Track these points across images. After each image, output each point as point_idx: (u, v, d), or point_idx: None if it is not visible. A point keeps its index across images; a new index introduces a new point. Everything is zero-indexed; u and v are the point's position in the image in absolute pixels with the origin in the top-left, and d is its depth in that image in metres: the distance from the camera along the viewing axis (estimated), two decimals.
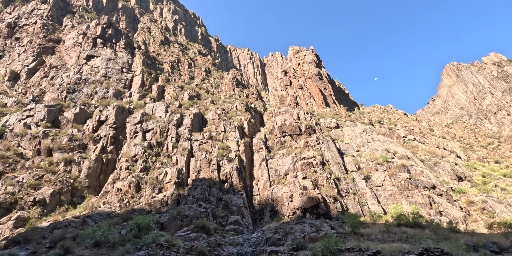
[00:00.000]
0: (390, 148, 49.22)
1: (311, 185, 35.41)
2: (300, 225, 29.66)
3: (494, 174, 62.65)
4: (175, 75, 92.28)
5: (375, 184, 38.20)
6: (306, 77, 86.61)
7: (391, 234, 26.61)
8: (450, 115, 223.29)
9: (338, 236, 26.27)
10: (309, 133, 48.95)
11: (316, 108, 79.09)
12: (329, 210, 33.73)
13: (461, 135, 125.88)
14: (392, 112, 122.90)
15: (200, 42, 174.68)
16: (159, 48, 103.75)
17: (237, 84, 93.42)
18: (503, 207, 34.61)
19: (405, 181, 37.73)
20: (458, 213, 34.68)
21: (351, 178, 38.88)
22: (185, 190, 36.37)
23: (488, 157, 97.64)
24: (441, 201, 35.91)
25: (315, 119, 58.41)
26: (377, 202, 35.98)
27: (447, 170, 47.68)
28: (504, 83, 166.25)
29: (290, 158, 40.28)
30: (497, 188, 48.69)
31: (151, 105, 51.97)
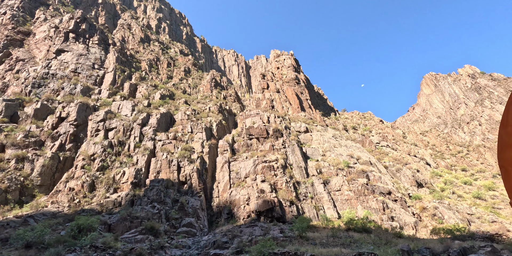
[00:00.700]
0: (354, 154, 50.14)
1: (269, 189, 35.50)
2: (251, 228, 29.62)
3: (456, 181, 65.00)
4: (152, 74, 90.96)
5: (333, 188, 38.74)
6: (284, 81, 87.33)
7: (336, 238, 26.97)
8: (428, 123, 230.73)
9: (284, 240, 26.41)
10: (276, 136, 49.21)
11: (292, 112, 79.81)
12: (284, 214, 33.88)
13: (434, 143, 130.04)
14: (369, 119, 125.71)
15: (184, 41, 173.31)
16: (138, 45, 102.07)
17: (215, 85, 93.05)
18: (451, 213, 35.82)
19: (362, 186, 38.45)
20: (409, 219, 35.61)
21: (310, 182, 39.28)
22: (141, 191, 35.67)
23: (456, 165, 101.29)
24: (395, 206, 36.79)
25: (286, 123, 58.84)
26: (333, 206, 36.47)
27: (408, 176, 49.00)
28: (477, 94, 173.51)
29: (251, 161, 40.31)
30: (454, 195, 50.48)
31: (118, 103, 50.89)
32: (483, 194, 51.83)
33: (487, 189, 58.09)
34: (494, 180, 79.41)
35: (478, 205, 45.12)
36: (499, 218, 37.48)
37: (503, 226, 34.01)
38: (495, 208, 44.33)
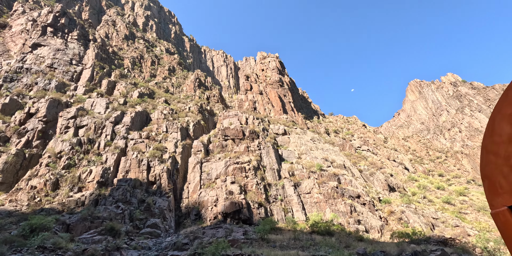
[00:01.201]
0: (329, 157, 50.58)
1: (238, 190, 35.31)
2: (214, 230, 29.34)
3: (429, 186, 66.44)
4: (135, 72, 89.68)
5: (303, 191, 38.89)
6: (267, 83, 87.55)
7: (298, 241, 27.00)
8: (412, 129, 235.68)
9: (244, 242, 26.25)
10: (252, 138, 49.13)
11: (274, 114, 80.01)
12: (251, 216, 33.74)
13: (415, 148, 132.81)
14: (352, 123, 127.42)
15: (172, 40, 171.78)
16: (122, 42, 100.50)
17: (199, 85, 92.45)
18: (416, 217, 36.49)
19: (332, 189, 38.75)
20: (376, 222, 36.05)
21: (281, 185, 39.33)
22: (107, 191, 34.87)
23: (434, 170, 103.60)
24: (362, 210, 37.19)
25: (265, 125, 58.88)
26: (302, 209, 36.58)
27: (381, 180, 49.73)
28: (458, 102, 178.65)
29: (223, 162, 40.06)
30: (425, 200, 51.52)
31: (92, 101, 49.79)
32: (453, 199, 53.11)
33: (458, 194, 59.59)
34: (468, 186, 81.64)
35: (446, 209, 46.17)
36: (463, 222, 38.42)
37: (464, 231, 34.86)
38: (462, 213, 45.46)
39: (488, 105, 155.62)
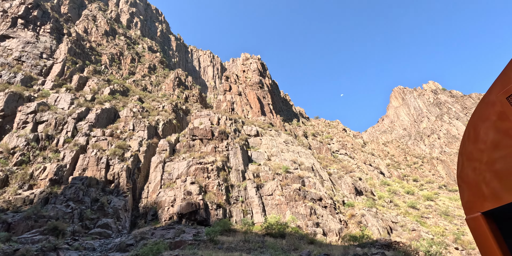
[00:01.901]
0: (298, 159, 50.61)
1: (197, 191, 34.71)
2: (165, 231, 28.65)
3: (400, 190, 67.49)
4: (113, 69, 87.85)
5: (265, 193, 38.63)
6: (247, 84, 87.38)
7: (247, 243, 26.63)
8: (395, 135, 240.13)
9: (191, 244, 25.68)
10: (221, 138, 48.64)
11: (251, 116, 79.77)
12: (208, 217, 33.19)
13: (393, 153, 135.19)
14: (333, 127, 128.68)
15: (158, 39, 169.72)
16: (101, 38, 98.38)
17: (178, 84, 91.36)
18: (375, 221, 36.77)
19: (294, 191, 38.64)
20: (335, 225, 36.11)
21: (244, 186, 38.95)
22: (60, 189, 33.61)
23: (409, 175, 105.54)
24: (323, 213, 37.21)
25: (237, 126, 58.50)
26: (262, 211, 36.29)
27: (348, 184, 50.06)
28: (438, 109, 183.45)
29: (186, 162, 39.39)
30: (391, 204, 52.18)
31: (56, 96, 48.23)
32: (418, 204, 54.02)
33: (426, 199, 60.69)
34: (439, 191, 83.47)
35: (410, 214, 46.83)
36: (421, 227, 38.98)
37: (419, 234, 35.35)
38: (423, 217, 46.20)
39: (465, 113, 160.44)
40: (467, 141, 2.52)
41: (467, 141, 2.53)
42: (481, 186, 2.34)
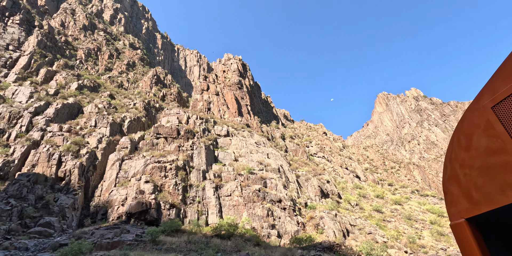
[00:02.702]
0: (265, 161, 50.21)
1: (150, 190, 33.74)
2: (108, 231, 27.59)
3: (371, 194, 68.02)
4: (88, 64, 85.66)
5: (224, 193, 37.96)
6: (226, 85, 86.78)
7: (191, 244, 25.88)
8: (378, 140, 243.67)
9: (130, 244, 24.74)
10: (187, 137, 47.77)
11: (228, 116, 79.10)
12: (160, 217, 32.26)
13: (373, 158, 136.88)
14: (314, 130, 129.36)
15: (143, 36, 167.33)
16: (79, 33, 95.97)
17: (156, 82, 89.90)
18: (332, 224, 36.63)
19: (253, 193, 38.13)
20: (292, 227, 35.76)
21: (202, 186, 38.19)
22: (4, 185, 32.02)
23: (386, 180, 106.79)
24: (281, 214, 36.81)
25: (208, 126, 57.74)
26: (219, 211, 35.59)
27: (314, 186, 49.95)
28: (419, 116, 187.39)
29: (143, 160, 38.35)
30: (357, 207, 52.35)
31: (14, 88, 46.36)
32: (385, 207, 54.43)
33: (394, 203, 61.30)
34: (411, 195, 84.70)
35: (372, 217, 47.03)
36: (379, 230, 39.10)
37: (373, 237, 35.39)
38: (385, 221, 46.48)
39: (444, 120, 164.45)
40: (457, 147, 2.55)
41: (457, 147, 2.56)
42: (473, 192, 2.36)
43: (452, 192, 2.59)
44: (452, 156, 2.61)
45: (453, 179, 2.58)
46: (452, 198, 2.59)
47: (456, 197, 2.54)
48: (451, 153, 2.63)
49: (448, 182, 2.65)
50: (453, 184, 2.58)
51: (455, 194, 2.55)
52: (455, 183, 2.56)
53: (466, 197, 2.42)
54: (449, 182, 2.63)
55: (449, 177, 2.63)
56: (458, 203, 2.51)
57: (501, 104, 2.20)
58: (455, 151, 2.57)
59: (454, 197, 2.56)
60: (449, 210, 2.61)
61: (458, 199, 2.50)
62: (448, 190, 2.64)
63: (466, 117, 2.48)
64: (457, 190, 2.53)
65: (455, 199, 2.55)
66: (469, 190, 2.38)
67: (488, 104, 2.28)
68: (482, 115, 2.33)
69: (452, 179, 2.59)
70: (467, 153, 2.42)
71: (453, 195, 2.57)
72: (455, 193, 2.55)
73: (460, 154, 2.49)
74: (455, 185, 2.55)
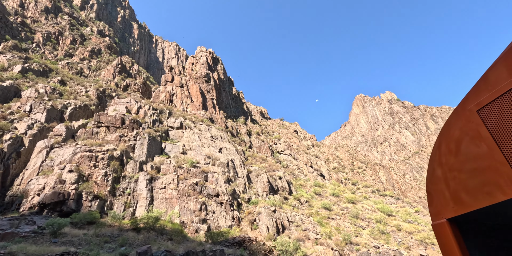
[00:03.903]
0: (214, 155, 48.93)
1: (73, 180, 31.61)
2: (8, 221, 25.40)
3: (327, 192, 68.31)
4: (46, 48, 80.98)
5: (159, 186, 36.35)
6: (192, 77, 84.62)
7: (95, 237, 24.19)
8: (354, 141, 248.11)
9: (25, 236, 22.76)
10: (132, 127, 45.64)
11: (191, 109, 77.13)
12: (79, 209, 30.26)
13: (342, 157, 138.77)
14: (285, 128, 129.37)
15: (118, 24, 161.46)
16: (40, 15, 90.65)
17: (120, 72, 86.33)
18: (267, 220, 35.91)
19: (190, 186, 36.76)
20: (225, 223, 34.72)
21: (136, 178, 36.39)
22: None
23: (351, 179, 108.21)
24: (216, 209, 35.67)
25: (161, 117, 55.71)
26: (149, 204, 33.98)
27: (263, 182, 49.21)
28: (391, 118, 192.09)
29: (72, 149, 36.05)
30: (306, 204, 52.14)
31: None
32: (335, 205, 54.57)
33: (347, 201, 61.73)
34: (371, 195, 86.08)
35: (319, 214, 46.85)
36: (316, 227, 38.82)
37: (306, 234, 35.00)
38: (330, 218, 46.44)
39: (413, 123, 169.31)
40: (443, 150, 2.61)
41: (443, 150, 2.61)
42: (456, 193, 2.44)
43: (436, 193, 2.65)
44: (437, 159, 2.66)
45: (437, 181, 2.64)
46: (435, 199, 2.66)
47: (439, 198, 2.61)
48: (437, 156, 2.67)
49: (432, 183, 2.70)
50: (437, 186, 2.64)
51: (439, 195, 2.61)
52: (439, 185, 2.62)
53: (450, 198, 2.50)
54: (433, 183, 2.68)
55: (433, 179, 2.67)
56: (441, 203, 2.59)
57: (486, 108, 2.25)
58: (440, 154, 2.62)
59: (437, 198, 2.63)
60: (431, 211, 2.70)
61: (442, 200, 2.57)
62: (431, 191, 2.71)
63: (452, 120, 2.54)
64: (441, 191, 2.60)
65: (438, 200, 2.62)
66: (454, 191, 2.45)
67: (473, 108, 2.35)
68: (467, 118, 2.38)
69: (437, 181, 2.64)
70: (453, 156, 2.49)
71: (437, 196, 2.64)
72: (439, 194, 2.62)
73: (445, 157, 2.55)
74: (440, 187, 2.62)
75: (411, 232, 45.69)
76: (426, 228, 50.48)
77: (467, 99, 2.42)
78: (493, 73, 2.22)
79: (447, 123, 2.61)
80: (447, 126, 2.59)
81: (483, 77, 2.29)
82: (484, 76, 2.29)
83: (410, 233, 45.47)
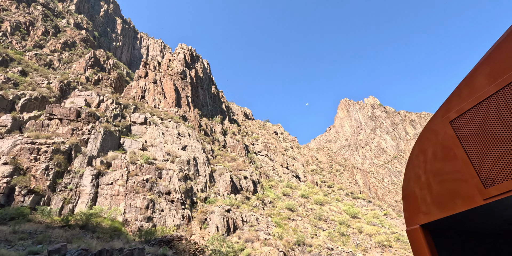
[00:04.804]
0: (176, 152, 47.40)
1: (6, 173, 29.55)
2: None
3: (297, 193, 67.61)
4: (14, 38, 77.59)
5: (105, 182, 34.58)
6: (167, 73, 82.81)
7: (11, 234, 22.37)
8: (338, 144, 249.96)
9: None
10: (88, 121, 43.64)
11: (163, 106, 75.28)
12: (9, 204, 28.22)
13: (322, 160, 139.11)
14: (265, 129, 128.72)
15: (100, 19, 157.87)
16: (10, 3, 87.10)
17: (93, 65, 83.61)
18: (217, 219, 34.64)
19: (140, 183, 35.14)
20: (174, 221, 33.26)
21: (81, 173, 34.52)
22: None
23: (327, 181, 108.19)
24: (166, 207, 34.17)
25: (125, 112, 53.80)
26: (91, 201, 32.17)
27: (226, 181, 47.95)
28: (374, 123, 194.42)
29: (12, 140, 33.91)
30: (270, 204, 51.14)
31: None
32: (299, 206, 53.81)
33: (315, 203, 61.14)
34: (344, 197, 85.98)
35: (280, 215, 45.89)
36: (270, 228, 37.79)
37: (257, 235, 33.90)
38: (290, 219, 45.55)
39: (393, 128, 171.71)
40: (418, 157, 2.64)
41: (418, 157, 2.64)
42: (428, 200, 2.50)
43: (410, 199, 2.67)
44: (414, 165, 2.69)
45: (412, 187, 2.65)
46: (409, 204, 2.68)
47: (413, 204, 2.63)
48: (414, 162, 2.70)
49: (407, 189, 2.71)
50: (412, 192, 2.66)
51: (413, 201, 2.63)
52: (414, 191, 2.64)
53: (423, 204, 2.53)
54: (408, 189, 2.70)
55: (408, 185, 2.69)
56: (414, 209, 2.61)
57: (458, 119, 2.32)
58: (416, 160, 2.65)
59: (412, 203, 2.65)
60: (406, 216, 2.69)
61: (416, 206, 2.59)
62: (406, 197, 2.73)
63: (428, 129, 2.57)
64: (416, 197, 2.61)
65: (412, 206, 2.64)
66: (427, 198, 2.49)
67: (446, 119, 2.42)
68: (441, 128, 2.43)
69: (411, 187, 2.66)
70: (427, 164, 2.53)
71: (411, 202, 2.66)
72: (413, 200, 2.64)
73: (421, 164, 2.59)
74: (414, 193, 2.63)
75: (371, 234, 45.30)
76: (388, 231, 50.32)
77: (441, 109, 2.50)
78: (467, 85, 2.29)
79: (423, 131, 2.65)
80: (423, 134, 2.63)
81: (457, 88, 2.38)
82: (459, 87, 2.37)
83: (371, 235, 45.08)
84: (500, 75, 2.05)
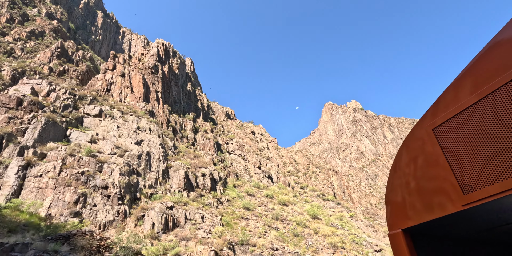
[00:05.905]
0: (128, 146, 45.14)
1: None
2: None
3: (262, 193, 66.10)
4: None
5: (34, 174, 32.08)
6: (137, 67, 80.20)
7: None
8: (321, 148, 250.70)
9: None
10: (30, 110, 40.92)
11: (129, 100, 72.64)
12: None
13: (299, 161, 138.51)
14: (243, 129, 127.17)
15: (79, 11, 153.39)
16: None
17: (59, 56, 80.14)
18: (156, 216, 32.66)
19: (73, 175, 32.78)
20: (106, 217, 31.05)
21: (7, 163, 31.91)
22: None
23: (302, 183, 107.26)
24: (99, 202, 31.93)
25: (79, 103, 51.14)
26: (13, 193, 29.62)
27: (180, 178, 45.97)
28: (354, 127, 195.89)
29: None
30: (227, 203, 49.37)
31: None
32: (257, 206, 52.34)
33: (278, 203, 59.76)
34: (315, 199, 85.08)
35: (234, 214, 44.21)
36: (223, 227, 36.04)
37: (195, 233, 32.09)
38: (243, 218, 43.93)
39: (373, 132, 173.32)
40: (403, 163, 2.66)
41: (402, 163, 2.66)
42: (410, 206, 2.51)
43: (393, 204, 2.69)
44: (396, 170, 2.71)
45: (395, 192, 2.67)
46: (392, 209, 2.70)
47: (395, 209, 2.66)
48: (395, 167, 2.72)
49: (390, 194, 2.74)
50: (394, 197, 2.68)
51: (396, 206, 2.66)
52: (396, 196, 2.66)
53: (405, 209, 2.56)
54: (391, 194, 2.72)
55: (392, 190, 2.71)
56: (396, 214, 2.64)
57: (440, 128, 2.36)
58: (399, 165, 2.68)
59: (394, 208, 2.67)
60: (388, 221, 2.72)
61: (398, 211, 2.62)
62: (389, 202, 2.75)
63: (412, 135, 2.58)
64: (398, 202, 2.64)
65: (394, 211, 2.67)
66: (409, 203, 2.52)
67: (429, 127, 2.46)
68: (424, 136, 2.46)
69: (394, 192, 2.68)
70: (410, 169, 2.54)
71: (394, 206, 2.68)
72: (396, 205, 2.66)
73: (404, 169, 2.61)
74: (397, 198, 2.65)
75: (326, 235, 44.16)
76: (347, 233, 49.38)
77: (425, 117, 2.51)
78: (446, 96, 2.34)
79: (407, 137, 2.65)
80: (408, 141, 2.64)
81: (441, 96, 2.40)
82: (442, 96, 2.40)
83: (325, 236, 43.92)
84: (481, 85, 2.10)
